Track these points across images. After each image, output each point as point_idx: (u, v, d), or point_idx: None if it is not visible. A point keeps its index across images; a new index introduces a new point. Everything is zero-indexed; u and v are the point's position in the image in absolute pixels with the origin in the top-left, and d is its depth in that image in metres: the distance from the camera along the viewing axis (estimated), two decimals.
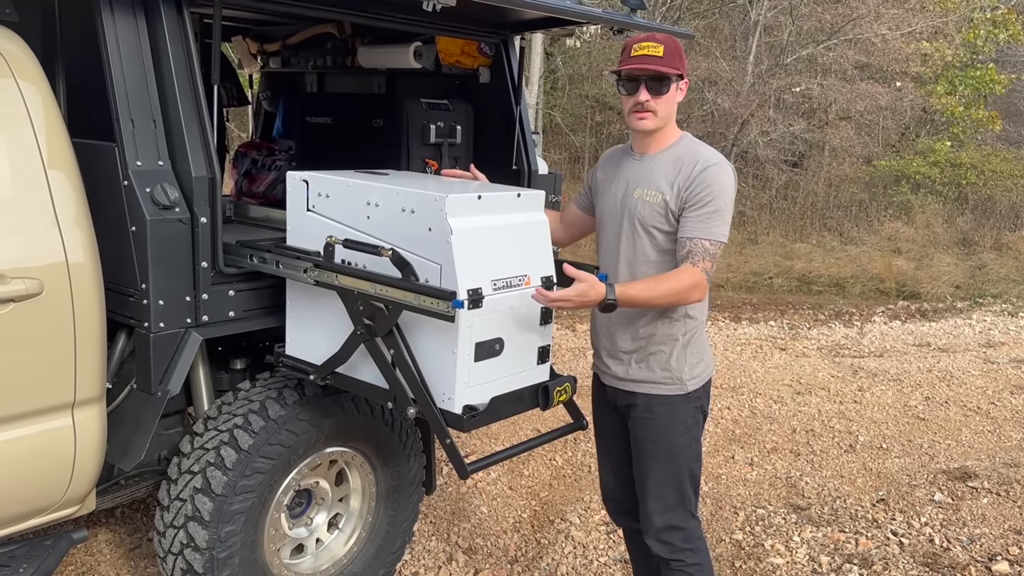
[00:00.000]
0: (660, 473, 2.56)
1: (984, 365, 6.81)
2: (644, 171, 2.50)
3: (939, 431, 5.25)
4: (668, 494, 2.56)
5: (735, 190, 2.47)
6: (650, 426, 2.55)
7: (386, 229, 2.36)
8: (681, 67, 2.43)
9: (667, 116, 2.48)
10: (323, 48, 3.93)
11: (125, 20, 2.50)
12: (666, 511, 2.56)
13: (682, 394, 2.53)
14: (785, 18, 13.75)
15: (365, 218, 2.41)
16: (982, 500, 4.21)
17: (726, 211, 2.41)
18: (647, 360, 2.53)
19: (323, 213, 2.52)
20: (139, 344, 2.56)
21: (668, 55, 2.40)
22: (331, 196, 2.50)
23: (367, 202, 2.41)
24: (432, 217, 2.25)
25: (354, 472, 3.08)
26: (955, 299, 10.58)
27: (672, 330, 2.52)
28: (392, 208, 2.35)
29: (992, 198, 14.62)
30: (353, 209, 2.44)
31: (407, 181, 2.56)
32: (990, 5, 15.66)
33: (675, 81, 2.44)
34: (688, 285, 2.35)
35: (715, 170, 2.40)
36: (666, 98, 2.44)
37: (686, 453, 2.56)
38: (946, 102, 14.90)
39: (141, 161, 2.49)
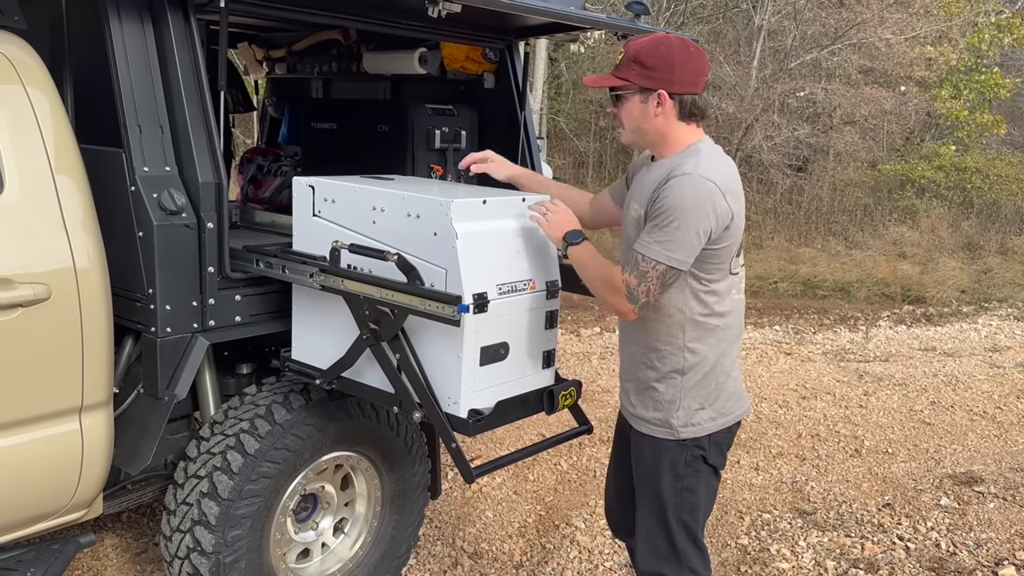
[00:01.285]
0: (649, 517, 2.37)
1: (990, 369, 6.80)
2: (641, 184, 2.31)
3: (945, 436, 5.24)
4: (658, 541, 2.36)
5: (714, 205, 2.12)
6: (640, 465, 2.39)
7: (392, 234, 2.37)
8: (638, 78, 2.19)
9: (637, 130, 2.26)
10: (328, 54, 3.95)
11: (132, 27, 2.51)
12: (656, 558, 2.37)
13: (674, 440, 2.29)
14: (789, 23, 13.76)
15: (371, 223, 2.42)
16: (988, 505, 4.20)
17: (680, 232, 2.09)
18: (642, 394, 2.35)
19: (329, 218, 2.53)
20: (146, 349, 2.57)
21: (623, 63, 2.22)
22: (337, 201, 2.51)
23: (373, 207, 2.42)
24: (437, 221, 2.26)
25: (359, 476, 3.09)
26: (960, 303, 10.56)
27: (667, 364, 2.28)
28: (397, 213, 2.36)
29: (997, 202, 14.59)
30: (359, 214, 2.45)
31: (412, 186, 2.57)
32: (994, 9, 15.65)
33: (630, 93, 2.22)
34: (608, 282, 2.19)
35: (679, 182, 2.11)
36: (624, 111, 2.25)
37: (674, 503, 2.31)
38: (951, 106, 14.88)
39: (148, 167, 2.51)
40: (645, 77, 2.18)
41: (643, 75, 2.18)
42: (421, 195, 2.34)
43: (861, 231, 13.62)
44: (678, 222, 2.09)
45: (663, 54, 2.18)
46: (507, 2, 2.57)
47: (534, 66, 11.71)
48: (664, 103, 2.20)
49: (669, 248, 2.11)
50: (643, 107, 2.22)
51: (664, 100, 2.19)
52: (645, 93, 2.20)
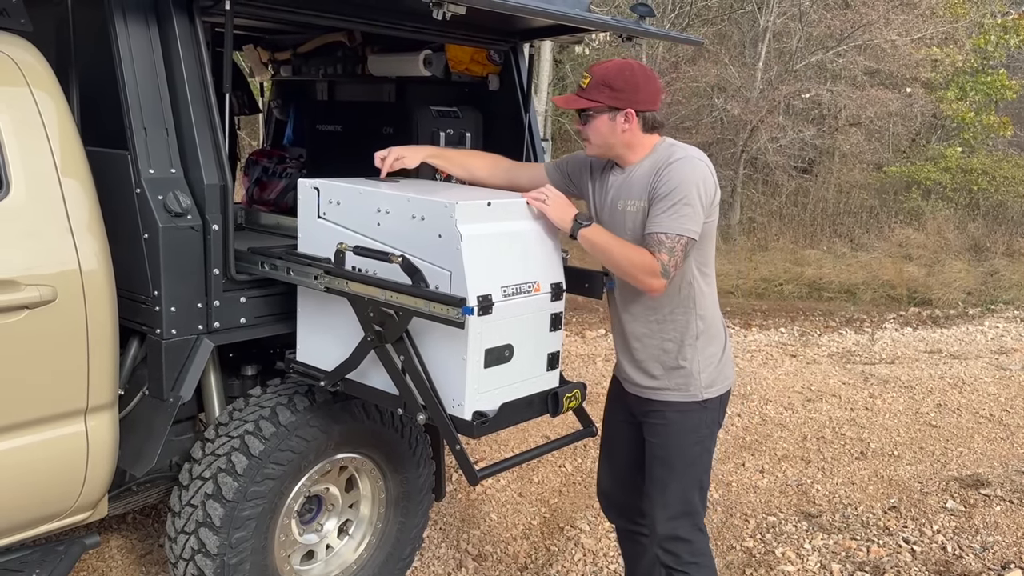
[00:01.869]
0: (669, 481, 2.55)
1: (996, 372, 6.77)
2: (626, 183, 2.50)
3: (951, 438, 5.22)
4: (674, 503, 2.55)
5: (702, 179, 2.39)
6: (662, 432, 2.55)
7: (396, 236, 2.38)
8: (607, 100, 2.41)
9: (603, 143, 2.48)
10: (334, 56, 3.95)
11: (138, 29, 2.52)
12: (670, 520, 2.56)
13: (696, 402, 2.52)
14: (795, 24, 13.74)
15: (375, 225, 2.42)
16: (995, 508, 4.18)
17: (689, 206, 2.34)
18: (662, 366, 2.52)
19: (334, 220, 2.53)
20: (151, 350, 2.58)
21: (591, 87, 2.43)
22: (342, 203, 2.52)
23: (377, 209, 2.42)
24: (442, 224, 2.26)
25: (364, 478, 3.09)
26: (967, 305, 10.53)
27: (686, 332, 2.50)
28: (402, 215, 2.36)
29: (1004, 204, 14.54)
30: (363, 216, 2.45)
31: (417, 188, 2.57)
32: (1001, 11, 15.61)
33: (599, 112, 2.43)
34: (641, 264, 2.33)
35: (678, 165, 2.39)
36: (593, 127, 2.46)
37: (696, 463, 2.55)
38: (957, 108, 14.84)
39: (154, 169, 2.51)
40: (613, 98, 2.42)
41: (612, 96, 2.42)
42: (426, 197, 2.34)
43: (867, 233, 13.59)
44: (687, 197, 2.34)
45: (628, 78, 2.43)
46: (512, 4, 2.57)
47: (539, 68, 11.72)
48: (631, 120, 2.45)
49: (685, 221, 2.34)
50: (611, 124, 2.45)
51: (631, 117, 2.44)
52: (613, 112, 2.44)
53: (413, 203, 2.34)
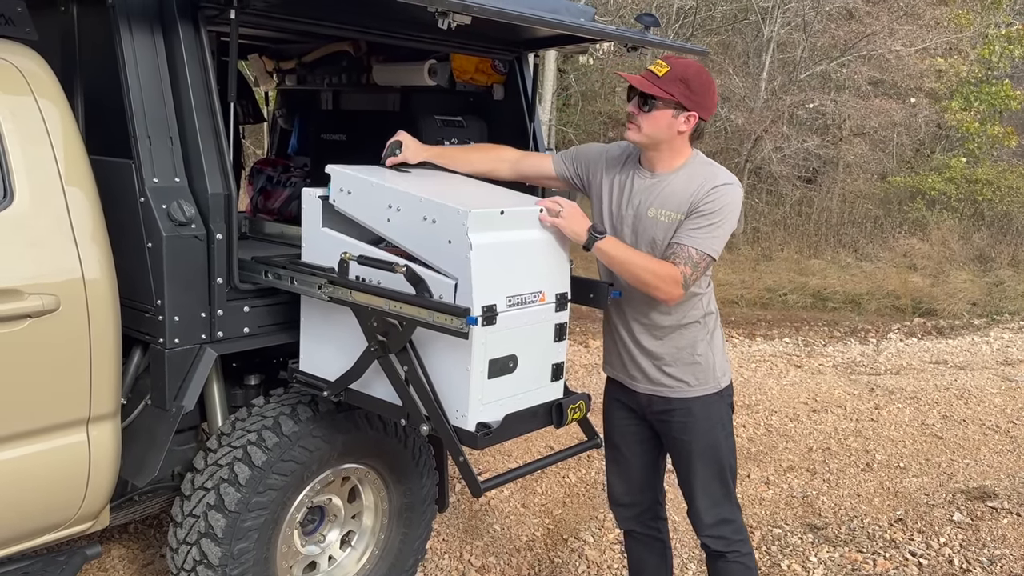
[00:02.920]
0: (706, 472, 2.63)
1: (1002, 383, 6.74)
2: (657, 191, 2.51)
3: (957, 450, 5.19)
4: (715, 490, 2.65)
5: (738, 204, 2.50)
6: (691, 428, 2.61)
7: (405, 235, 2.36)
8: (680, 95, 2.40)
9: (654, 135, 2.46)
10: (339, 66, 3.96)
11: (143, 39, 2.52)
12: (715, 507, 2.65)
13: (716, 392, 2.61)
14: (799, 35, 13.76)
15: (385, 220, 2.41)
16: (1002, 520, 4.15)
17: (723, 229, 2.45)
18: (681, 364, 2.58)
19: (344, 209, 2.51)
20: (154, 360, 2.57)
21: (667, 78, 2.41)
22: (353, 193, 2.50)
23: (389, 205, 2.40)
24: (453, 230, 2.24)
25: (367, 489, 3.07)
26: (972, 316, 10.48)
27: (701, 330, 2.58)
28: (413, 215, 2.34)
29: (1008, 214, 14.50)
30: (374, 210, 2.44)
31: (431, 185, 2.53)
32: (1005, 21, 15.61)
33: (666, 105, 2.42)
34: (664, 275, 2.39)
35: (726, 189, 2.45)
36: (652, 117, 2.44)
37: (724, 448, 2.64)
38: (961, 118, 14.83)
39: (158, 178, 2.51)
40: (688, 97, 2.41)
41: (685, 94, 2.41)
42: (439, 200, 2.31)
43: (871, 243, 13.56)
44: (726, 222, 2.44)
45: (705, 83, 2.46)
46: (517, 14, 2.56)
47: (543, 77, 11.73)
48: (690, 124, 2.46)
49: (716, 243, 2.45)
50: (672, 121, 2.44)
51: (692, 121, 2.46)
52: (679, 110, 2.43)
53: (426, 205, 2.32)
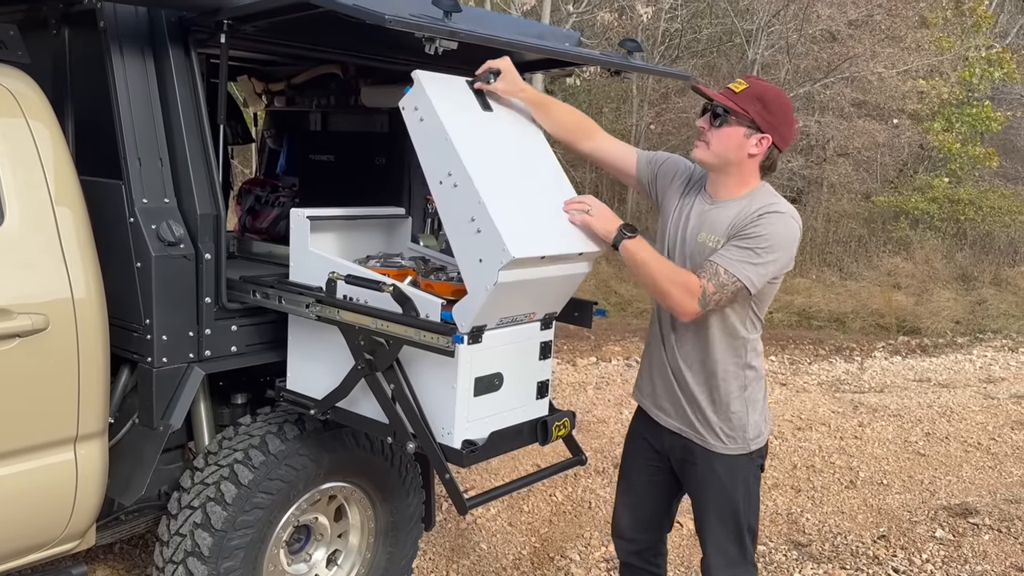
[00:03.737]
0: (722, 530, 2.51)
1: (984, 400, 6.81)
2: (712, 216, 2.40)
3: (940, 467, 5.24)
4: (730, 550, 2.52)
5: (793, 241, 2.34)
6: (711, 485, 2.49)
7: (446, 209, 2.27)
8: (755, 113, 2.29)
9: (722, 155, 2.34)
10: (327, 88, 4.00)
11: (134, 62, 2.56)
12: (729, 567, 2.53)
13: (745, 454, 2.47)
14: (783, 57, 13.92)
15: (437, 182, 2.28)
16: (983, 537, 4.19)
17: (765, 258, 2.27)
18: (711, 412, 2.44)
19: (409, 125, 2.36)
20: (142, 379, 2.59)
21: (744, 95, 2.30)
22: (424, 122, 2.31)
23: (449, 172, 2.24)
24: (489, 255, 2.15)
25: (353, 508, 3.08)
26: (955, 334, 10.58)
27: (736, 382, 2.43)
28: (464, 206, 2.20)
29: (991, 234, 14.65)
30: (432, 159, 2.30)
31: (499, 181, 2.28)
32: (985, 44, 15.85)
33: (739, 123, 2.30)
34: (681, 283, 2.27)
35: (776, 216, 2.30)
36: (723, 133, 2.32)
37: (744, 510, 2.50)
38: (943, 139, 15.01)
39: (147, 199, 2.54)
40: (762, 117, 2.30)
41: (762, 115, 2.30)
42: (495, 217, 2.15)
43: (856, 262, 13.66)
44: (768, 249, 2.27)
45: (784, 106, 2.36)
46: (503, 40, 2.61)
47: None
48: (762, 147, 2.34)
49: (751, 270, 2.27)
50: (743, 140, 2.33)
51: (764, 144, 2.33)
52: (752, 129, 2.32)
53: (481, 210, 2.17)
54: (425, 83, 2.34)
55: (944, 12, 15.48)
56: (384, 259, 2.74)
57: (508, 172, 2.37)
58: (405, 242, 2.98)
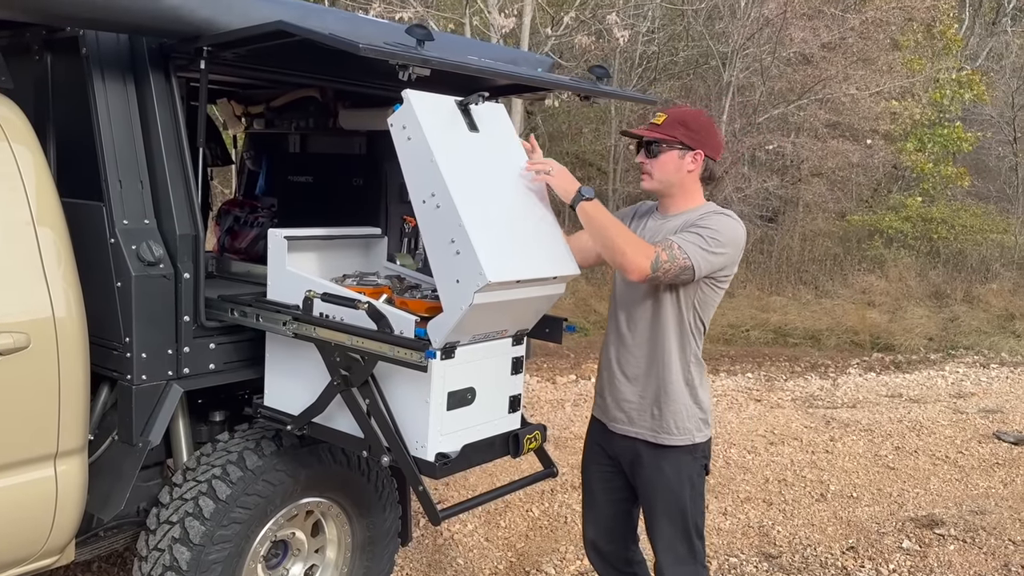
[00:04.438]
0: (671, 529, 2.65)
1: (953, 415, 6.94)
2: (666, 228, 2.60)
3: (908, 480, 5.35)
4: (679, 549, 2.65)
5: (738, 241, 2.55)
6: (658, 485, 2.64)
7: (427, 229, 2.32)
8: (682, 136, 2.54)
9: (665, 180, 2.59)
10: (306, 110, 4.08)
11: (115, 86, 2.63)
12: (678, 564, 2.66)
13: (689, 446, 2.62)
14: (757, 79, 14.16)
15: (420, 201, 2.32)
16: (949, 547, 4.29)
17: (713, 246, 2.46)
18: (659, 408, 2.61)
19: (396, 142, 2.39)
20: (121, 396, 2.64)
21: (667, 123, 2.56)
22: (411, 140, 2.34)
23: (432, 193, 2.29)
24: (467, 277, 2.22)
25: (330, 523, 3.13)
26: (928, 351, 10.75)
27: (684, 376, 2.61)
28: (444, 227, 2.26)
29: (963, 252, 14.92)
30: (417, 177, 2.33)
31: (480, 204, 2.33)
32: (955, 67, 16.20)
33: (670, 148, 2.55)
34: (636, 244, 2.43)
35: (725, 217, 2.54)
36: (660, 161, 2.57)
37: (692, 510, 2.65)
38: (916, 159, 15.29)
39: (128, 220, 2.60)
40: (689, 137, 2.56)
41: (688, 135, 2.56)
42: (474, 241, 2.21)
43: (831, 280, 13.85)
44: (719, 245, 2.48)
45: (704, 123, 2.62)
46: (475, 67, 2.71)
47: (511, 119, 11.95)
48: (697, 162, 2.59)
49: (701, 256, 2.46)
50: (679, 162, 2.58)
51: (699, 159, 2.59)
52: (684, 150, 2.56)
53: (461, 232, 2.23)
54: (415, 102, 2.38)
55: (915, 35, 15.81)
56: (360, 278, 2.81)
57: (490, 194, 2.44)
58: (381, 261, 3.06)
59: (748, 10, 13.43)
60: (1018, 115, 17.27)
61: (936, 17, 15.61)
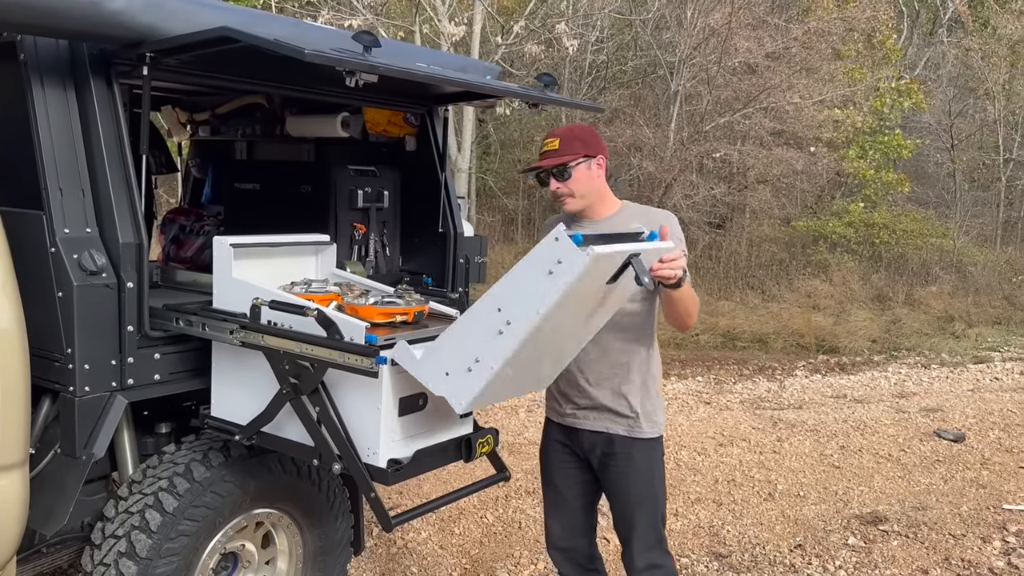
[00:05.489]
0: (643, 519, 2.77)
1: (896, 414, 7.13)
2: (608, 228, 2.59)
3: (853, 478, 5.47)
4: (649, 536, 2.78)
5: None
6: (631, 477, 2.74)
7: (474, 322, 2.21)
8: (582, 149, 2.66)
9: (587, 192, 2.70)
10: (252, 117, 4.04)
11: (55, 93, 2.58)
12: (648, 551, 2.78)
13: (656, 438, 2.76)
14: (704, 88, 14.41)
15: (496, 308, 2.16)
16: (892, 543, 4.41)
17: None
18: (630, 405, 2.71)
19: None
20: (64, 408, 2.58)
21: (564, 144, 2.66)
22: (537, 281, 2.10)
23: (508, 321, 2.13)
24: (452, 386, 2.24)
25: (280, 534, 3.10)
26: (872, 352, 11.03)
27: (648, 373, 2.74)
28: (485, 344, 2.17)
29: (904, 256, 15.35)
30: (513, 304, 2.14)
31: (523, 365, 2.27)
32: (895, 75, 16.68)
33: (578, 164, 2.66)
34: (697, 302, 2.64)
35: (672, 220, 2.69)
36: (575, 180, 2.67)
37: (659, 495, 2.81)
38: (858, 166, 15.68)
39: (69, 228, 2.55)
40: (588, 147, 2.69)
41: (585, 146, 2.68)
42: (485, 379, 2.19)
43: (777, 285, 14.13)
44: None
45: (591, 131, 2.76)
46: (423, 74, 2.72)
47: (462, 127, 11.98)
48: (603, 165, 2.73)
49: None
50: (588, 172, 2.70)
51: (603, 163, 2.73)
52: (588, 160, 2.68)
53: (489, 364, 2.16)
54: (591, 261, 2.05)
55: (856, 45, 16.26)
56: (308, 285, 2.79)
57: (549, 344, 2.35)
58: (331, 268, 3.04)
59: (695, 20, 13.67)
60: (955, 123, 17.85)
61: (876, 28, 16.08)
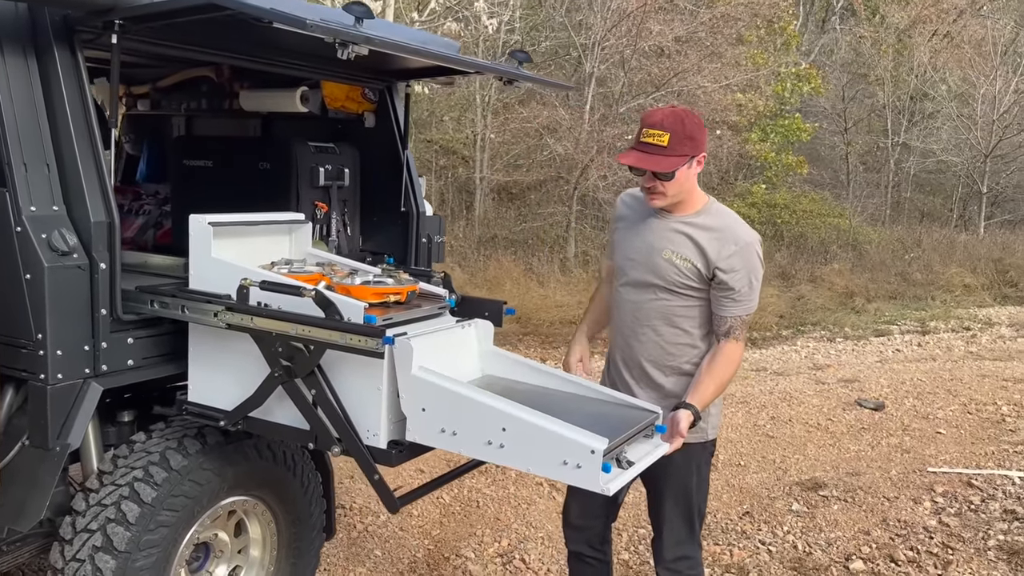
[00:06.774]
0: (674, 512, 2.73)
1: (816, 386, 7.47)
2: (672, 235, 2.56)
3: (788, 447, 5.72)
4: (680, 529, 2.75)
5: (761, 259, 2.58)
6: (667, 473, 2.65)
7: (475, 420, 2.24)
8: (691, 151, 2.45)
9: (680, 192, 2.52)
10: (198, 91, 3.87)
11: (15, 62, 2.40)
12: (678, 544, 2.75)
13: (701, 443, 2.66)
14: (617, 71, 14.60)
15: (501, 429, 2.20)
16: (833, 507, 4.63)
17: (757, 283, 2.56)
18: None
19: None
20: (34, 397, 2.42)
21: (674, 142, 2.42)
22: (580, 470, 2.08)
23: (502, 444, 2.19)
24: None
25: (253, 521, 3.01)
26: (780, 327, 11.49)
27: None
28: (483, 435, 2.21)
29: (804, 235, 16.03)
30: (528, 458, 2.17)
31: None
32: (794, 61, 17.33)
33: (680, 165, 2.45)
34: (736, 358, 2.55)
35: (748, 251, 2.53)
36: (673, 182, 2.48)
37: (696, 494, 2.73)
38: (759, 148, 16.27)
39: (35, 206, 2.39)
40: (695, 146, 2.47)
41: (693, 147, 2.46)
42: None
43: None
44: (757, 278, 2.55)
45: (699, 124, 2.50)
46: (412, 48, 2.66)
47: None
48: (702, 163, 2.53)
49: (755, 298, 2.57)
50: (688, 172, 2.50)
51: (702, 160, 2.53)
52: (691, 159, 2.48)
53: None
54: (602, 483, 2.07)
55: (758, 31, 16.79)
56: (290, 265, 2.71)
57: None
58: (306, 248, 2.96)
59: (608, 2, 13.82)
60: (848, 107, 18.72)
61: (777, 14, 16.65)
